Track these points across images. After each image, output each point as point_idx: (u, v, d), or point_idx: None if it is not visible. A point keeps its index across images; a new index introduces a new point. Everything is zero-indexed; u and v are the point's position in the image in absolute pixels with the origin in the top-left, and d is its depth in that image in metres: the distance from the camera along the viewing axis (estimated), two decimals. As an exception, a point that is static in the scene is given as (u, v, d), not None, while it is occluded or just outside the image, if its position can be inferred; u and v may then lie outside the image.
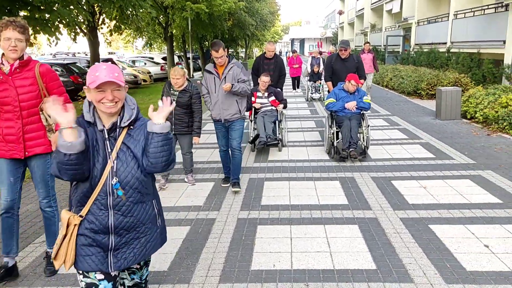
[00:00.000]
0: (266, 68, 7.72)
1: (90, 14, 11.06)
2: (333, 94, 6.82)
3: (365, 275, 3.25)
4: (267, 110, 7.30)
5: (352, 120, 6.53)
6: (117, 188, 2.06)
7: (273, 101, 7.39)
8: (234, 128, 5.22)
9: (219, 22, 22.84)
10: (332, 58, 7.50)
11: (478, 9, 15.67)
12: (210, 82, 5.17)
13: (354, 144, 6.41)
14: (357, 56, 7.35)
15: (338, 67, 7.23)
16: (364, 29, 37.09)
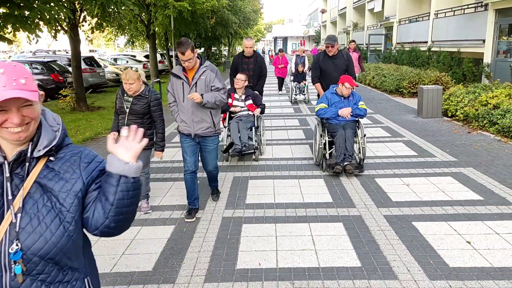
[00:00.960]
0: (245, 67, 6.98)
1: (71, 11, 10.85)
2: (324, 99, 5.99)
3: (350, 272, 3.27)
4: (242, 115, 6.62)
5: (347, 129, 5.71)
6: (16, 261, 1.25)
7: (250, 105, 6.68)
8: (207, 148, 4.39)
9: (202, 20, 22.73)
10: (319, 57, 6.58)
11: (458, 8, 15.94)
12: (178, 88, 4.22)
13: (350, 157, 5.62)
14: (347, 53, 6.56)
15: (326, 67, 6.42)
16: (346, 27, 37.36)
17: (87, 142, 8.15)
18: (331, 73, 6.33)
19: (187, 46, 3.93)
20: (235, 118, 6.60)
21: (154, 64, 20.21)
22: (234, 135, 6.27)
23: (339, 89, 5.91)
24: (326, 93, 6.06)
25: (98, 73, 17.24)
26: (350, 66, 6.48)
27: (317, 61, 6.59)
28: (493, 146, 7.05)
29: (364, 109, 5.90)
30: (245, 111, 6.68)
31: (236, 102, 6.69)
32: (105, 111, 11.88)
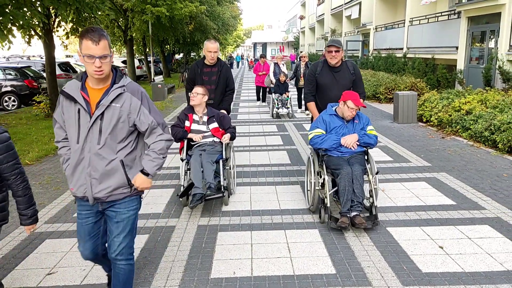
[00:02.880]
0: (205, 79, 5.37)
1: (45, 17, 10.66)
2: (320, 123, 4.50)
3: (325, 279, 3.27)
4: (206, 144, 5.00)
5: (354, 165, 4.23)
6: None
7: (215, 129, 5.04)
8: (117, 217, 2.62)
9: (180, 25, 22.66)
10: (316, 67, 4.92)
11: (432, 16, 16.29)
12: (70, 118, 2.52)
13: (359, 204, 4.11)
14: (353, 63, 4.99)
15: (325, 81, 4.80)
16: (324, 34, 37.76)
17: (61, 149, 7.97)
18: (331, 90, 4.76)
19: (102, 34, 2.35)
20: (196, 148, 4.97)
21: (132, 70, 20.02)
22: (195, 173, 4.61)
23: (340, 109, 4.45)
24: (323, 115, 4.54)
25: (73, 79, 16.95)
26: (358, 82, 4.89)
27: (313, 72, 4.90)
28: (466, 151, 7.20)
29: (374, 136, 4.47)
30: (209, 137, 5.05)
31: (196, 126, 5.03)
32: (80, 118, 11.65)
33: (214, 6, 29.22)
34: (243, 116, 12.20)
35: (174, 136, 4.66)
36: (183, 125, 5.01)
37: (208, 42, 5.33)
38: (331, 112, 4.55)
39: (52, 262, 3.63)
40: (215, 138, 5.06)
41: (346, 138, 4.40)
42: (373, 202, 4.26)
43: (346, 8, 29.81)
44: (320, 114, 4.62)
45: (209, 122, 5.06)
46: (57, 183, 5.91)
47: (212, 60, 5.37)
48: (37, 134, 9.28)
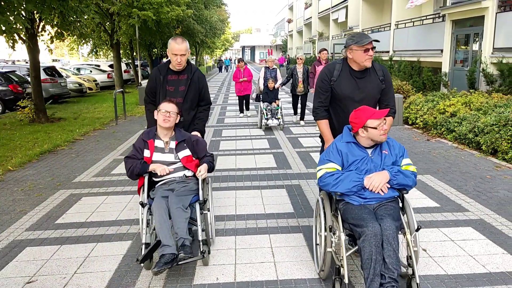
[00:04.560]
0: (171, 90, 4.14)
1: (29, 21, 10.56)
2: (334, 154, 3.15)
3: (308, 284, 3.25)
4: (175, 180, 3.68)
5: (384, 220, 2.87)
6: None
7: (187, 159, 3.74)
8: None
9: (167, 29, 22.59)
10: (331, 71, 3.60)
11: (417, 19, 16.46)
12: None
13: (393, 281, 2.74)
14: (381, 66, 3.67)
15: (345, 90, 3.54)
16: (312, 37, 37.97)
17: (45, 155, 7.88)
18: (352, 104, 3.48)
19: None
20: (161, 187, 3.65)
21: (119, 74, 19.89)
22: (161, 225, 3.26)
23: (360, 134, 3.09)
24: (337, 142, 3.20)
25: (59, 83, 16.80)
26: (388, 92, 3.62)
27: (327, 77, 3.59)
28: (450, 153, 7.26)
29: (412, 174, 3.06)
30: (178, 170, 3.72)
31: (161, 156, 3.69)
32: (65, 123, 11.56)
33: (201, 10, 29.21)
34: (229, 132, 12.17)
35: (130, 171, 3.54)
36: (142, 155, 3.65)
37: (173, 42, 3.97)
38: (349, 138, 3.15)
39: (32, 270, 3.56)
40: (187, 171, 3.74)
41: (372, 177, 3.00)
42: (413, 272, 2.83)
43: (333, 12, 30.02)
44: (334, 141, 3.21)
45: (178, 149, 3.70)
46: (40, 189, 5.82)
47: (179, 66, 4.05)
48: (21, 140, 9.16)
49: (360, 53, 3.39)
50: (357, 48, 3.37)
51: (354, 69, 3.52)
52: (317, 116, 3.71)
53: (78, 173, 6.61)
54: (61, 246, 4.01)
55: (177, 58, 4.01)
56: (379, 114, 3.05)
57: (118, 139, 9.32)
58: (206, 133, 9.65)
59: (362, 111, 3.08)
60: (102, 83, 23.66)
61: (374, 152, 3.14)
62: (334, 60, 3.45)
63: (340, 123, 3.60)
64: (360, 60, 3.42)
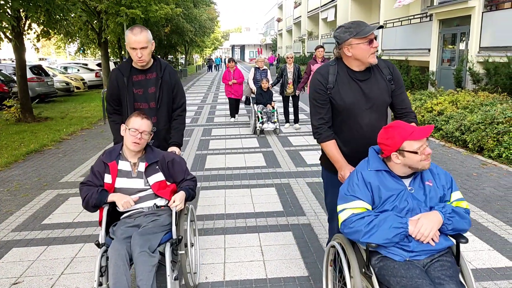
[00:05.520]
0: (139, 94, 3.33)
1: (15, 19, 10.42)
2: (360, 186, 2.28)
3: (297, 282, 3.26)
4: (142, 213, 2.89)
5: (446, 285, 2.02)
6: None
7: (159, 185, 2.93)
8: None
9: (156, 28, 22.47)
10: (325, 75, 2.74)
11: (405, 19, 16.59)
12: None
13: None
14: (386, 62, 2.82)
15: (348, 98, 2.69)
16: (301, 36, 38.07)
17: (31, 155, 7.79)
18: (360, 115, 2.70)
19: None
20: (124, 221, 2.84)
21: (107, 72, 19.72)
22: (116, 277, 2.44)
23: (393, 161, 2.27)
24: (363, 171, 2.34)
25: (46, 82, 16.62)
26: (399, 92, 2.76)
27: (322, 84, 2.73)
28: (438, 151, 7.33)
29: (466, 212, 2.27)
30: (148, 199, 2.91)
31: (126, 182, 2.87)
32: (52, 122, 11.44)
33: (190, 8, 29.09)
34: (218, 130, 12.13)
35: (85, 202, 2.76)
36: (101, 181, 2.84)
37: (130, 32, 3.14)
38: (379, 164, 2.31)
39: (18, 271, 3.52)
40: (160, 199, 2.92)
41: (420, 222, 2.12)
42: None
43: (322, 11, 30.12)
44: (358, 169, 2.35)
45: (149, 172, 2.88)
46: (26, 189, 5.75)
47: (141, 62, 3.22)
48: (7, 139, 9.04)
49: (363, 47, 2.56)
50: (359, 41, 2.55)
51: (354, 70, 2.68)
52: (321, 137, 2.76)
53: (65, 173, 6.54)
54: (47, 247, 3.96)
55: (137, 53, 3.16)
56: (421, 133, 2.17)
57: (107, 138, 9.25)
58: (195, 133, 9.74)
59: (395, 129, 2.23)
60: (90, 82, 23.48)
61: (414, 183, 2.27)
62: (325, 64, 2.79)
63: (346, 143, 2.74)
64: (364, 57, 2.58)
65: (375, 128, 2.52)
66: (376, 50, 2.61)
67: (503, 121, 6.95)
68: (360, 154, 2.56)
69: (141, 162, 2.91)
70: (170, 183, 2.99)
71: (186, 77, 34.38)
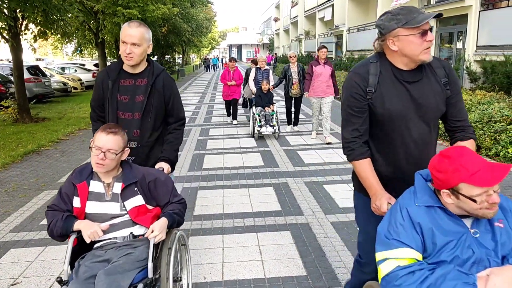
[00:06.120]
0: (124, 101, 2.84)
1: (12, 19, 10.39)
2: (406, 228, 1.70)
3: (296, 281, 3.27)
4: (115, 245, 2.37)
5: None
6: None
7: (137, 209, 2.42)
8: None
9: (153, 28, 22.42)
10: (364, 76, 2.11)
11: (402, 18, 16.59)
12: None
13: None
14: (442, 62, 2.19)
15: (393, 105, 2.05)
16: (299, 35, 38.07)
17: (29, 155, 7.77)
18: (406, 126, 2.09)
19: None
20: (93, 254, 2.33)
21: (104, 73, 19.68)
22: None
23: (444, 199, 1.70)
24: (408, 206, 1.74)
25: (43, 82, 16.58)
26: (458, 100, 2.18)
27: (359, 88, 2.11)
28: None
29: None
30: (124, 227, 2.44)
31: (98, 206, 2.41)
32: (50, 123, 11.41)
33: (187, 8, 29.07)
34: (216, 130, 12.12)
35: (50, 230, 2.33)
36: (69, 206, 2.40)
37: (126, 25, 2.76)
38: (430, 199, 1.76)
39: (16, 272, 3.51)
40: (138, 227, 2.43)
41: (492, 283, 1.54)
42: None
43: (319, 10, 30.13)
44: (401, 203, 1.80)
45: (126, 195, 2.41)
46: (24, 190, 5.74)
47: (129, 60, 2.75)
48: (4, 140, 9.01)
49: (414, 41, 1.95)
50: (408, 32, 1.95)
51: (401, 69, 2.07)
52: (353, 154, 2.15)
53: (63, 173, 6.53)
54: (46, 248, 3.96)
55: (126, 48, 2.70)
56: (488, 178, 1.57)
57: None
58: (192, 133, 9.73)
59: (452, 163, 1.63)
60: (87, 82, 23.40)
61: (478, 224, 1.71)
62: (363, 60, 2.25)
63: (387, 164, 2.15)
64: (415, 53, 1.97)
65: (426, 145, 2.08)
66: (430, 44, 2.01)
67: (501, 119, 6.97)
68: (404, 178, 2.05)
69: (117, 183, 2.44)
70: (153, 207, 2.51)
71: (183, 77, 34.35)
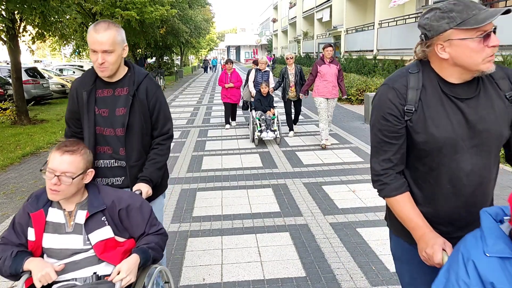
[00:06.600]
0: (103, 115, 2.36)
1: (9, 21, 10.38)
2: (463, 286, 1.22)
3: (295, 283, 3.26)
4: (76, 285, 1.93)
5: None
6: None
7: (105, 243, 1.96)
8: None
9: (151, 29, 22.43)
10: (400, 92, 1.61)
11: (400, 18, 16.62)
12: None
13: None
14: (507, 70, 1.64)
15: (439, 130, 1.55)
16: (297, 36, 38.10)
17: (27, 157, 7.76)
18: (460, 157, 1.56)
19: None
20: None
21: (102, 74, 19.68)
22: None
23: None
24: (472, 255, 1.25)
25: (41, 84, 16.54)
26: None
27: (392, 106, 1.61)
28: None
29: None
30: (87, 265, 1.97)
31: (57, 240, 1.97)
32: (48, 124, 11.39)
33: (185, 9, 29.06)
34: (214, 132, 12.10)
35: None
36: (23, 239, 1.99)
37: (92, 30, 2.19)
38: (503, 246, 1.23)
39: (14, 275, 3.50)
40: (105, 265, 2.00)
41: None
42: None
43: (317, 11, 30.14)
44: (462, 252, 1.30)
45: (90, 226, 1.97)
46: (22, 192, 5.73)
47: (103, 71, 2.26)
48: (3, 142, 9.00)
49: (473, 46, 1.47)
50: (466, 35, 1.47)
51: (450, 82, 1.58)
52: (386, 189, 1.69)
53: (62, 175, 6.51)
54: (44, 250, 3.94)
55: (98, 58, 2.20)
56: None
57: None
58: (191, 134, 9.71)
59: None
60: (85, 84, 23.39)
61: None
62: (400, 68, 1.81)
63: (429, 204, 1.65)
64: (474, 62, 1.50)
65: (483, 181, 1.61)
66: (496, 51, 1.52)
67: None
68: (455, 221, 1.62)
69: (81, 211, 1.98)
70: (125, 239, 2.02)
71: (181, 78, 34.34)
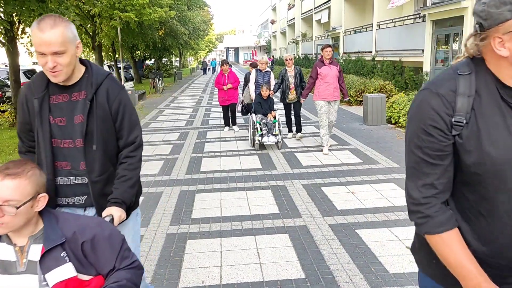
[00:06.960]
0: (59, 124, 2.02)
1: (8, 23, 10.37)
2: None
3: (294, 284, 3.26)
4: None
5: None
6: None
7: (65, 284, 1.52)
8: None
9: (150, 31, 22.44)
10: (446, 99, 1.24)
11: (398, 20, 16.65)
12: None
13: None
14: None
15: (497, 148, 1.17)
16: (295, 38, 38.13)
17: (26, 159, 7.74)
18: None
19: None
20: None
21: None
22: None
23: None
24: None
25: (40, 86, 16.51)
26: None
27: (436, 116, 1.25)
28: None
29: None
30: None
31: (6, 282, 1.54)
32: (47, 126, 11.37)
33: (184, 11, 29.09)
34: (213, 133, 12.10)
35: None
36: None
37: (36, 27, 1.80)
38: None
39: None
40: None
41: None
42: None
43: (316, 13, 30.18)
44: None
45: (47, 264, 1.54)
46: (21, 194, 5.71)
47: (54, 75, 1.90)
48: (1, 144, 8.99)
49: None
50: None
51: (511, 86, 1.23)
52: (429, 224, 1.29)
53: (60, 177, 6.50)
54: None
55: (48, 62, 1.85)
56: None
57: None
58: (190, 136, 9.70)
59: None
60: (84, 86, 23.36)
61: None
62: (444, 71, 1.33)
63: (480, 240, 1.30)
64: None
65: None
66: None
67: None
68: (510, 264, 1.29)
69: (35, 245, 1.58)
70: (92, 277, 1.62)
71: (180, 80, 34.35)
